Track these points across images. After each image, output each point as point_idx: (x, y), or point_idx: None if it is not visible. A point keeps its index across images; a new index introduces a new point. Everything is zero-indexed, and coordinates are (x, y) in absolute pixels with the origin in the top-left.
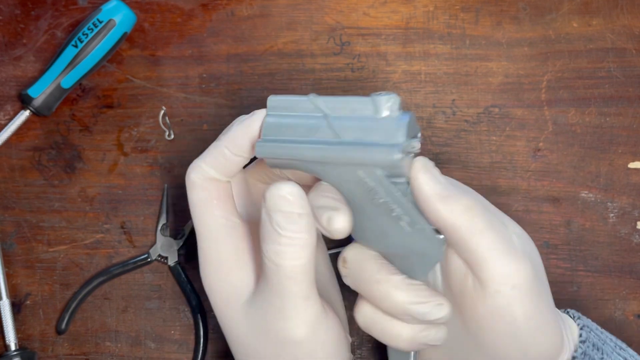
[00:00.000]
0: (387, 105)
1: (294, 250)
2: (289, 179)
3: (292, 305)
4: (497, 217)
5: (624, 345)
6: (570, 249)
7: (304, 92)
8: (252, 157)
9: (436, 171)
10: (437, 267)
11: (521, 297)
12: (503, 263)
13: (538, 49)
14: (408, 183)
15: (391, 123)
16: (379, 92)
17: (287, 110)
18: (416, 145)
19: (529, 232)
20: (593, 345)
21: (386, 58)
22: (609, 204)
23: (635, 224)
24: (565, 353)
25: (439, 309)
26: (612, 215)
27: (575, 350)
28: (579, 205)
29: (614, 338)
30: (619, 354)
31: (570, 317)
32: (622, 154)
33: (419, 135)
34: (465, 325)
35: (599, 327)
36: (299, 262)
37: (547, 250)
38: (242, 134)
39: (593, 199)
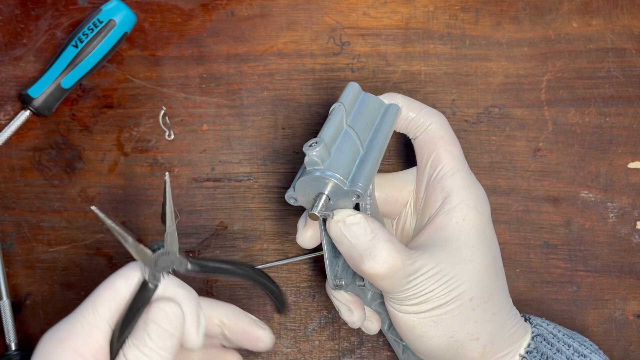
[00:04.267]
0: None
1: None
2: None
3: None
4: None
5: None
6: (570, 249)
7: (303, 91)
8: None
9: (348, 226)
10: None
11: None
12: None
13: (538, 49)
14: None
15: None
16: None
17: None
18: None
19: (528, 232)
20: (544, 339)
21: (386, 58)
22: (608, 204)
23: (635, 224)
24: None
25: (349, 314)
26: (612, 215)
27: (529, 345)
28: (579, 205)
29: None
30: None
31: (526, 320)
32: (622, 154)
33: (324, 196)
34: None
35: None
36: None
37: (547, 250)
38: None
39: (593, 199)
